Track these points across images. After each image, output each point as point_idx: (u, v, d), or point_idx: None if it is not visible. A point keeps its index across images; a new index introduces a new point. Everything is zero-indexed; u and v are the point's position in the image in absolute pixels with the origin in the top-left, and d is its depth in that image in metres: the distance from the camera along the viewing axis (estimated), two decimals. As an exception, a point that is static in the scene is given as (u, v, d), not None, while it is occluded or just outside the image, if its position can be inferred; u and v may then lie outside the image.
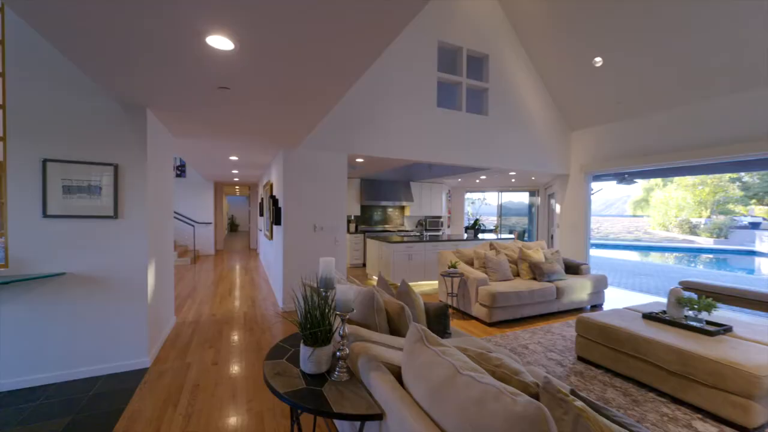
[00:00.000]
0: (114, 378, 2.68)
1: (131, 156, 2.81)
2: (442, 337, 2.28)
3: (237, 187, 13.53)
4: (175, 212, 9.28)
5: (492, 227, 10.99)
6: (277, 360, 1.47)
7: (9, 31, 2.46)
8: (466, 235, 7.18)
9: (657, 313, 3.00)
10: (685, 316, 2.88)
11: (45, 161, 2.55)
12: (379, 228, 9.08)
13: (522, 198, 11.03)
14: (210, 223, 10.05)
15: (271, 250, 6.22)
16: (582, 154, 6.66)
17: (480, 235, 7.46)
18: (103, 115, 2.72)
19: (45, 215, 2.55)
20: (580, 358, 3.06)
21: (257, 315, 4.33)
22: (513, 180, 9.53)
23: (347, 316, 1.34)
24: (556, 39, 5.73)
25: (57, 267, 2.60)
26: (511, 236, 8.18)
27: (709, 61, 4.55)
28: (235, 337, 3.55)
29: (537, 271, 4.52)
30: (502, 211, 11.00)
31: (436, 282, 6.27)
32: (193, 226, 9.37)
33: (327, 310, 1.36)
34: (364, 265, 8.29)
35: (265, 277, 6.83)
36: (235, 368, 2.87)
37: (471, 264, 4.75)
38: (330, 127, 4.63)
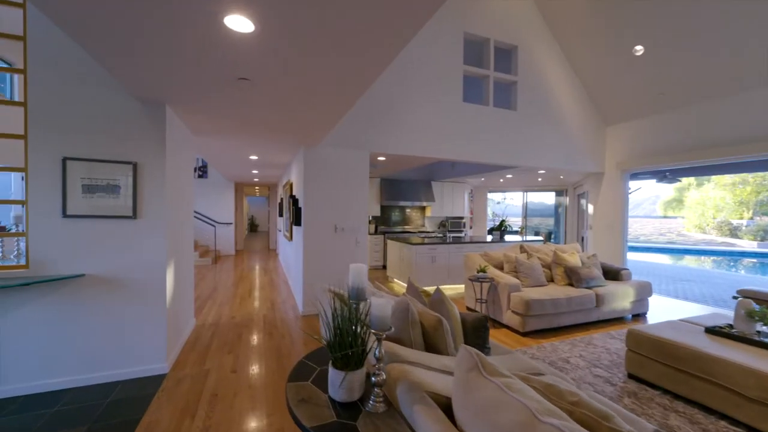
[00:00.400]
0: (132, 384, 2.59)
1: (150, 154, 2.71)
2: (481, 352, 2.05)
3: (257, 187, 13.64)
4: (196, 212, 9.39)
5: (516, 229, 10.56)
6: (301, 382, 1.28)
7: (29, 27, 2.40)
8: (491, 237, 6.85)
9: (722, 328, 2.64)
10: (758, 332, 2.52)
11: (65, 159, 2.48)
12: (399, 229, 8.86)
13: (545, 198, 10.56)
14: (230, 223, 10.12)
15: (290, 251, 6.12)
16: (618, 150, 6.22)
17: (505, 237, 7.12)
18: (122, 112, 2.63)
19: (65, 215, 2.48)
20: (632, 376, 2.74)
21: (277, 319, 4.20)
22: (540, 179, 9.11)
23: (384, 336, 1.13)
24: (592, 27, 5.34)
25: (76, 268, 2.53)
26: (539, 238, 7.77)
27: (758, 51, 4.10)
28: (255, 343, 3.42)
29: (574, 277, 4.18)
30: (524, 212, 10.55)
31: (461, 286, 6.00)
32: (214, 226, 9.44)
33: (360, 328, 1.16)
34: (384, 267, 8.09)
35: (285, 279, 6.74)
36: (254, 377, 2.72)
37: (500, 268, 4.46)
38: (351, 124, 4.46)
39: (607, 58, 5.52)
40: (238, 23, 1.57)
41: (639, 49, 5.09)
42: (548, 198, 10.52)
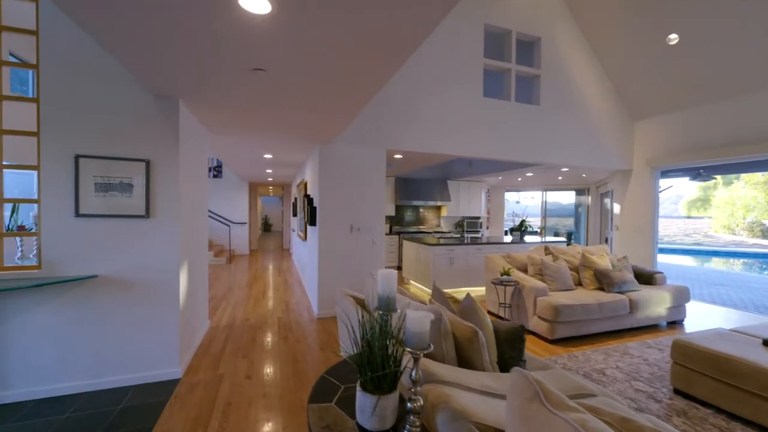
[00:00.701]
0: (144, 389, 2.50)
1: (163, 151, 2.62)
2: (516, 366, 1.86)
3: (271, 187, 13.68)
4: (211, 212, 9.43)
5: (535, 229, 10.22)
6: (324, 404, 1.13)
7: (42, 21, 2.33)
8: (511, 238, 6.60)
9: (784, 340, 2.37)
10: (828, 346, 2.24)
11: (77, 157, 2.40)
12: (413, 229, 8.67)
13: (563, 198, 10.18)
14: (245, 223, 10.13)
15: (304, 251, 6.02)
16: (648, 146, 5.87)
17: (525, 238, 6.85)
18: (135, 108, 2.55)
19: (77, 214, 2.41)
20: (679, 392, 2.49)
21: (291, 321, 4.08)
22: (560, 178, 8.79)
23: (422, 355, 0.97)
24: (621, 15, 5.04)
25: (88, 269, 2.45)
26: (561, 239, 7.46)
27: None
28: (269, 346, 3.30)
29: (605, 281, 3.91)
30: (543, 212, 10.20)
31: (481, 289, 5.77)
32: (228, 226, 9.46)
33: (393, 345, 1.00)
34: (399, 268, 7.92)
35: (299, 279, 6.66)
36: (269, 385, 2.60)
37: (524, 270, 4.23)
38: (368, 120, 4.31)
39: (637, 49, 5.20)
40: (254, 3, 1.43)
41: (674, 38, 4.77)
42: (567, 197, 10.15)
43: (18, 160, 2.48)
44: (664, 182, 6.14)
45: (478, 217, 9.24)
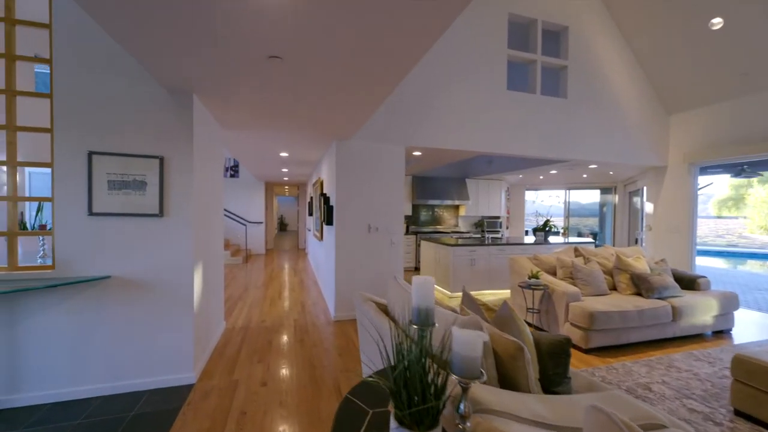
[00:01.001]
0: (158, 394, 2.40)
1: (177, 147, 2.52)
2: (560, 384, 1.65)
3: (286, 187, 13.71)
4: (228, 211, 9.48)
5: (558, 229, 9.81)
6: (351, 435, 0.96)
7: (56, 15, 2.27)
8: (534, 238, 6.30)
9: None
10: None
11: (91, 154, 2.33)
12: (430, 229, 8.45)
13: (582, 197, 9.75)
14: (261, 222, 10.14)
15: (320, 250, 5.91)
16: (685, 140, 5.47)
17: (548, 239, 6.52)
18: (149, 104, 2.46)
19: (90, 213, 2.34)
20: (741, 413, 2.21)
21: (308, 323, 3.96)
22: (585, 176, 8.40)
23: (471, 385, 0.79)
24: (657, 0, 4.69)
25: (102, 269, 2.38)
26: (588, 240, 7.09)
27: None
28: (285, 350, 3.18)
29: (643, 285, 3.61)
30: (566, 211, 9.77)
31: (503, 292, 5.52)
32: (245, 225, 9.48)
33: (434, 371, 0.82)
34: (416, 268, 7.73)
35: (314, 279, 6.55)
36: (285, 393, 2.46)
37: (553, 273, 3.97)
38: (386, 116, 4.14)
39: (674, 36, 4.83)
40: (269, -24, 1.28)
41: (717, 23, 4.39)
42: (589, 196, 9.72)
43: (40, 158, 2.43)
44: (702, 179, 5.71)
45: (498, 217, 8.94)
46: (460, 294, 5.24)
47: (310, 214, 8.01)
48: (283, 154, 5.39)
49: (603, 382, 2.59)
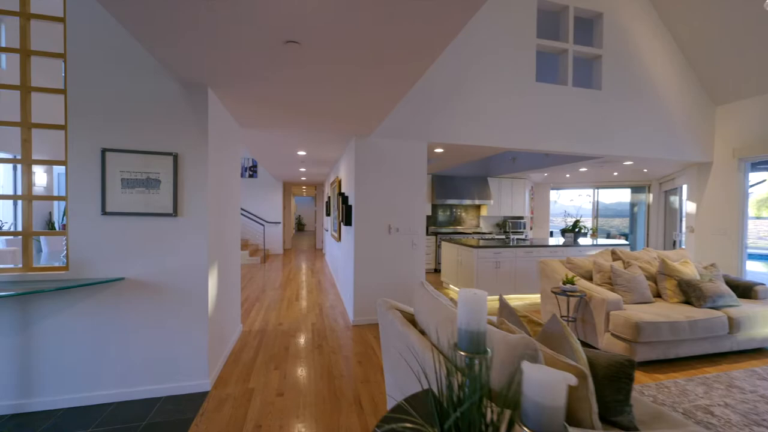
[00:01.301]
0: (172, 402, 2.30)
1: (192, 143, 2.41)
2: (621, 414, 1.41)
3: (304, 187, 13.73)
4: (247, 211, 9.52)
5: (587, 231, 9.33)
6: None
7: (69, 8, 2.20)
8: (563, 239, 5.94)
9: None
10: None
11: (104, 151, 2.25)
12: (450, 230, 8.18)
13: (609, 196, 9.22)
14: (279, 222, 10.14)
15: (338, 252, 5.77)
16: (734, 134, 5.01)
17: (578, 240, 6.14)
18: (163, 99, 2.36)
19: (104, 212, 2.26)
20: (829, 448, 1.89)
21: (326, 327, 3.81)
22: (615, 173, 7.94)
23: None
24: (705, -20, 4.29)
25: (115, 271, 2.29)
26: (618, 242, 6.65)
27: None
28: (303, 357, 3.03)
29: (693, 293, 3.26)
30: (594, 211, 9.27)
31: (530, 296, 5.22)
32: (263, 225, 9.49)
33: (491, 411, 0.63)
34: (436, 270, 7.49)
35: (332, 280, 6.43)
36: (303, 405, 2.31)
37: (589, 278, 3.66)
38: (407, 110, 3.94)
39: (722, 19, 4.40)
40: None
41: (775, 2, 3.96)
42: (616, 196, 9.20)
43: (58, 156, 2.37)
44: (753, 176, 5.22)
45: (521, 217, 8.57)
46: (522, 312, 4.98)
47: (328, 215, 7.91)
48: (301, 153, 5.28)
49: (655, 402, 2.31)
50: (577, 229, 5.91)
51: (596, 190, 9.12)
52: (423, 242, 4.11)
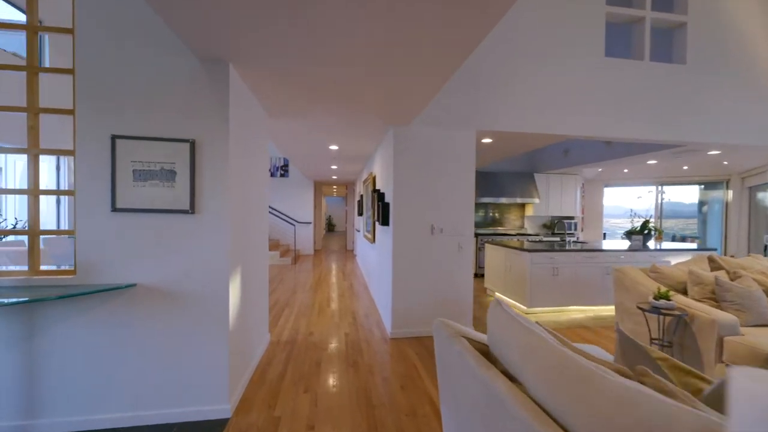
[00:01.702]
0: (187, 430, 1.96)
1: (211, 128, 2.08)
2: None
3: (334, 186, 13.54)
4: (278, 211, 9.39)
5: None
6: None
7: (77, -26, 1.93)
8: (630, 243, 5.15)
9: None
10: None
11: (114, 138, 1.96)
12: (490, 230, 7.52)
13: (670, 194, 8.11)
14: (310, 222, 9.95)
15: (371, 253, 5.36)
16: None
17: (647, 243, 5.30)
18: (178, 76, 2.04)
19: (114, 208, 1.97)
20: None
21: (361, 340, 3.39)
22: (685, 167, 6.95)
23: None
24: None
25: (126, 276, 2.00)
26: (689, 246, 5.69)
27: None
28: (337, 377, 2.62)
29: (838, 315, 2.49)
30: (658, 211, 8.20)
31: (597, 308, 4.51)
32: (294, 225, 9.32)
33: None
34: (477, 275, 6.87)
35: (364, 284, 6.03)
36: (338, 442, 1.89)
37: (681, 292, 2.97)
38: (454, 95, 3.44)
39: None
40: None
41: None
42: (680, 194, 8.09)
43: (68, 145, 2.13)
44: None
45: (572, 217, 7.74)
46: (539, 310, 4.35)
47: (360, 214, 7.54)
48: (333, 148, 4.93)
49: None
50: (646, 231, 5.10)
51: (659, 187, 8.06)
52: (471, 245, 3.59)
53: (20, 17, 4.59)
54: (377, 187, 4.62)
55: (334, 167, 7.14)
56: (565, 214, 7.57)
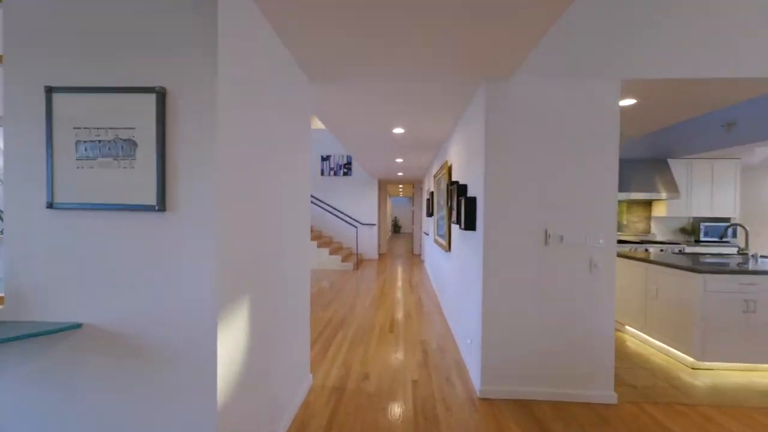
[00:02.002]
0: None
1: (189, 67, 1.24)
2: None
3: (400, 186, 12.70)
4: (340, 211, 8.82)
5: None
6: None
7: None
8: None
9: None
10: None
11: (50, 90, 1.24)
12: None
13: None
14: (373, 224, 9.18)
15: (445, 265, 4.24)
16: None
17: None
18: (142, -15, 1.24)
19: (50, 204, 1.25)
20: None
21: (435, 398, 2.32)
22: None
23: None
24: None
25: (71, 309, 1.26)
26: None
27: None
28: (400, 478, 1.61)
29: None
30: None
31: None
32: (356, 227, 8.64)
33: None
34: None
35: (436, 301, 4.94)
36: None
37: None
38: (577, 26, 2.19)
39: None
40: None
41: None
42: None
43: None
44: None
45: (727, 219, 5.57)
46: (717, 365, 2.76)
47: (429, 215, 6.46)
48: (398, 131, 3.95)
49: None
50: None
51: None
52: (613, 262, 2.27)
53: None
54: (455, 179, 3.50)
55: (399, 160, 6.19)
56: (716, 215, 5.44)
